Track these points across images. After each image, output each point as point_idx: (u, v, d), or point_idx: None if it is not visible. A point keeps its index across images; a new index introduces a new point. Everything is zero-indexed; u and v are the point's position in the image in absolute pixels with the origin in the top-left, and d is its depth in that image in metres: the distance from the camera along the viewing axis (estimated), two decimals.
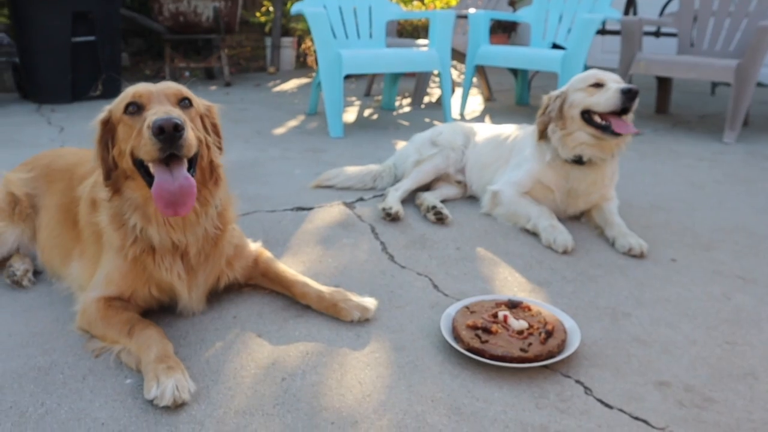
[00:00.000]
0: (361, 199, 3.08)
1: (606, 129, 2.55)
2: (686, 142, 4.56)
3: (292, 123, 4.99)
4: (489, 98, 6.29)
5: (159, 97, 1.71)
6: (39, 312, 1.98)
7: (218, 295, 2.06)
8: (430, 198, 2.90)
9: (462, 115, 5.47)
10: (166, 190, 1.61)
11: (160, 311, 1.95)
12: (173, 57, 6.96)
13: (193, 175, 1.70)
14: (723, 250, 2.56)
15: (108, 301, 1.79)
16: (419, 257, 2.43)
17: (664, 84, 5.70)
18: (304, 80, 7.61)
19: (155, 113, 1.60)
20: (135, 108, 1.70)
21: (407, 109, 5.77)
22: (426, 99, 6.19)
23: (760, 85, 6.36)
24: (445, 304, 2.05)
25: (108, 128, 1.78)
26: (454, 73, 7.51)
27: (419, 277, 2.26)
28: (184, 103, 1.77)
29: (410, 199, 3.02)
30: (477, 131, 3.22)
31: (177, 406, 1.51)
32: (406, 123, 5.09)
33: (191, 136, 1.64)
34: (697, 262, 2.43)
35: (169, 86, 1.77)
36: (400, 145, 4.22)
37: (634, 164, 3.89)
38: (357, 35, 5.18)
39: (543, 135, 2.73)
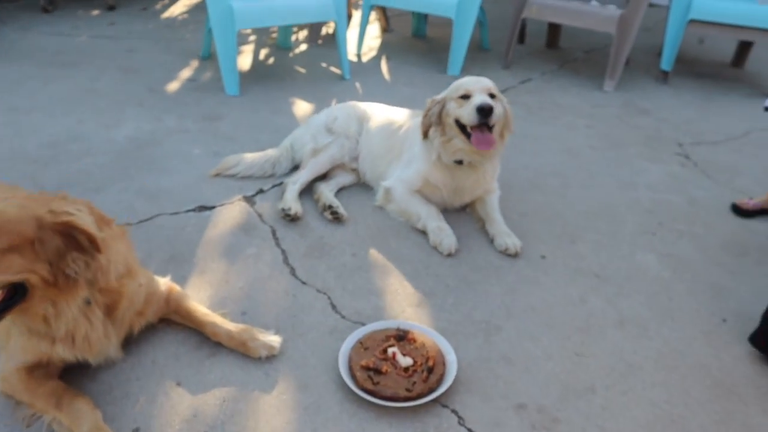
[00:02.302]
0: (261, 191, 3.20)
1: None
2: (570, 91, 4.86)
3: (186, 73, 4.86)
4: (386, 29, 6.28)
5: None
6: None
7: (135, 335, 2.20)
8: (326, 193, 3.06)
9: (359, 55, 5.49)
10: None
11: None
12: None
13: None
14: (586, 241, 2.93)
15: (28, 370, 1.91)
16: (318, 269, 2.64)
17: None
18: None
19: None
20: None
21: (304, 46, 5.71)
22: (323, 31, 6.10)
23: (651, 6, 6.64)
24: (343, 328, 2.31)
25: None
26: None
27: (319, 296, 2.49)
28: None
29: (309, 188, 3.17)
30: (371, 115, 3.35)
31: None
32: (302, 70, 5.07)
33: None
34: (562, 259, 2.79)
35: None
36: (298, 104, 4.30)
37: (519, 124, 4.12)
38: None
39: (427, 135, 2.92)
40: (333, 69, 5.12)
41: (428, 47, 5.84)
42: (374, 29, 6.34)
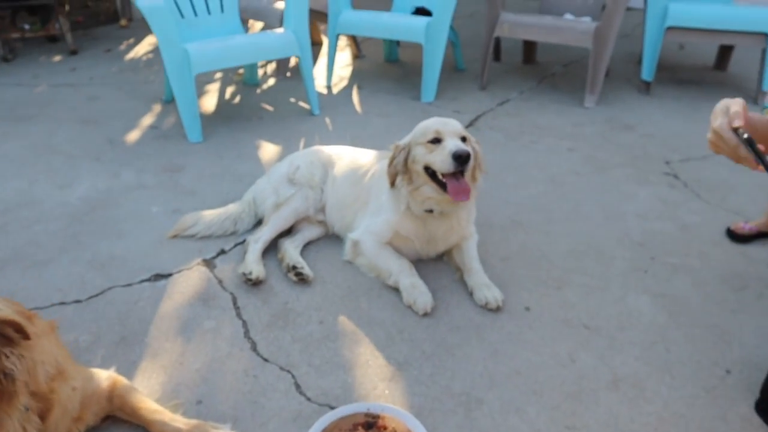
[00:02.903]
0: (223, 252, 2.97)
1: (445, 188, 2.54)
2: (550, 110, 4.66)
3: (148, 120, 4.64)
4: (357, 55, 6.09)
5: None
6: None
7: None
8: (290, 251, 2.84)
9: (329, 87, 5.29)
10: None
11: None
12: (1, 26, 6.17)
13: None
14: (573, 286, 2.70)
15: None
16: (282, 341, 2.41)
17: None
18: None
19: None
20: None
21: (272, 81, 5.50)
22: (292, 62, 5.90)
23: (628, 9, 6.47)
24: (308, 413, 2.08)
25: None
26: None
27: (282, 375, 2.26)
28: None
29: (274, 245, 2.95)
30: (336, 160, 3.14)
31: None
32: (270, 108, 4.86)
33: None
34: (548, 310, 2.56)
35: None
36: (264, 147, 4.09)
37: (499, 153, 3.95)
38: (207, 11, 4.76)
39: (394, 184, 2.70)
40: (302, 104, 4.91)
41: (402, 72, 5.64)
42: (345, 56, 6.14)
